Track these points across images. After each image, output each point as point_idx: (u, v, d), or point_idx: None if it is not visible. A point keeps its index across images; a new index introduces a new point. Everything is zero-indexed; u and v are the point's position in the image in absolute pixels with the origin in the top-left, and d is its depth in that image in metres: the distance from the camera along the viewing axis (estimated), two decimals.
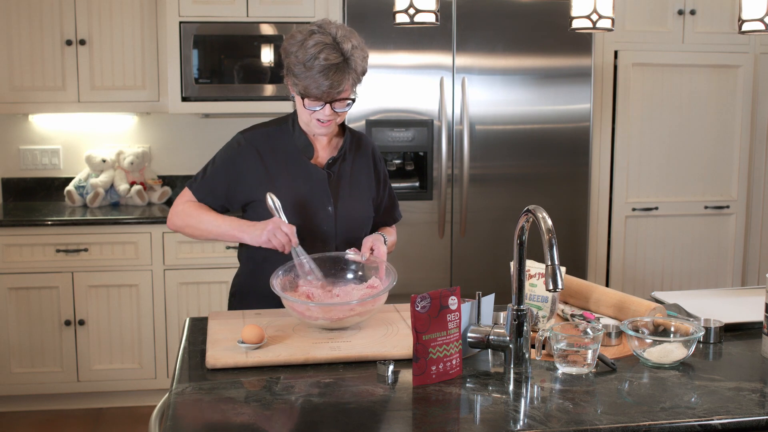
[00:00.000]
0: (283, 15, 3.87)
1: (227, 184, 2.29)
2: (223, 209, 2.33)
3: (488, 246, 3.86)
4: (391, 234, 2.44)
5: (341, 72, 2.11)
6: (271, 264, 2.19)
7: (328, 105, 2.16)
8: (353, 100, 2.20)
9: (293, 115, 2.32)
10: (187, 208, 2.29)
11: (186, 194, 2.33)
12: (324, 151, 2.31)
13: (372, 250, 2.20)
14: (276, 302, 2.17)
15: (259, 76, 3.90)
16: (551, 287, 1.69)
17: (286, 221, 2.17)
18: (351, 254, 2.20)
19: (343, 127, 2.36)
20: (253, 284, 2.32)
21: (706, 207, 4.22)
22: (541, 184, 3.90)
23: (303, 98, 2.17)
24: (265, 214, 2.23)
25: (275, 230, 2.12)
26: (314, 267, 2.16)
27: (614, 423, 1.52)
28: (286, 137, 2.30)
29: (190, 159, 4.35)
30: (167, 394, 1.73)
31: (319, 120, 2.20)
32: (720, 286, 4.28)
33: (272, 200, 2.17)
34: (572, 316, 2.10)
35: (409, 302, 1.71)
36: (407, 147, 3.78)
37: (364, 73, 2.20)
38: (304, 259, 2.16)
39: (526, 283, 2.01)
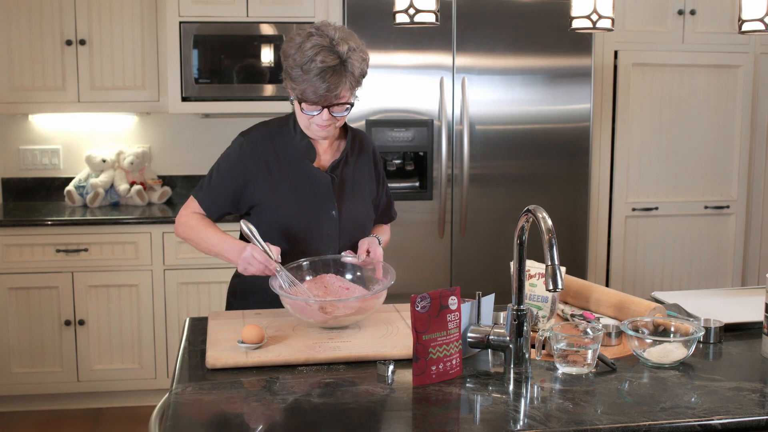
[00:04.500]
0: (283, 15, 3.87)
1: (233, 192, 2.27)
2: (228, 215, 2.33)
3: (488, 246, 3.86)
4: (384, 233, 2.45)
5: (338, 75, 2.08)
6: None
7: (326, 110, 2.13)
8: (352, 105, 2.17)
9: (294, 116, 2.29)
10: (190, 220, 2.28)
11: (191, 204, 2.30)
12: (326, 153, 2.29)
13: (368, 252, 2.20)
14: (275, 302, 2.17)
15: (259, 76, 3.90)
16: (551, 287, 1.69)
17: (262, 245, 2.10)
18: (348, 257, 2.21)
19: (344, 127, 2.34)
20: (252, 284, 2.31)
21: (706, 207, 4.22)
22: (541, 184, 3.90)
23: (300, 102, 2.16)
24: (268, 216, 2.23)
25: (249, 259, 2.10)
26: (299, 289, 2.11)
27: (614, 423, 1.52)
28: (287, 139, 2.27)
29: (190, 159, 4.35)
30: (167, 394, 1.73)
31: (317, 124, 2.19)
32: (720, 286, 4.27)
33: (247, 228, 2.12)
34: (572, 316, 2.10)
35: (409, 302, 1.71)
36: (407, 147, 3.78)
37: (363, 76, 2.16)
38: (284, 284, 2.09)
39: (526, 283, 2.01)
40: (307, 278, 2.16)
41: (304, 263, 2.18)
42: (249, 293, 2.33)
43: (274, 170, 2.25)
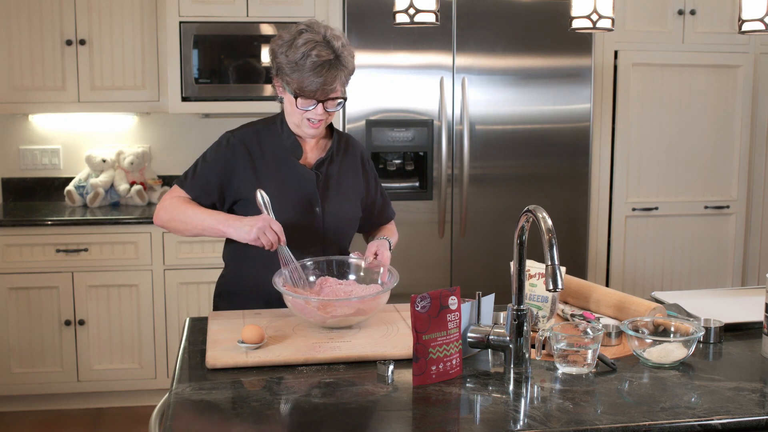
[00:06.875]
0: (283, 15, 3.87)
1: (219, 181, 2.27)
2: (213, 207, 2.30)
3: (488, 246, 3.86)
4: (393, 234, 2.46)
5: (334, 69, 2.12)
6: (258, 264, 2.19)
7: (320, 104, 2.16)
8: (345, 99, 2.21)
9: (281, 116, 2.32)
10: (175, 202, 2.26)
11: (175, 191, 2.29)
12: (312, 152, 2.31)
13: (376, 255, 2.20)
14: (263, 302, 2.17)
15: (259, 76, 3.90)
16: (551, 287, 1.69)
17: (275, 219, 2.15)
18: (354, 258, 2.21)
19: (330, 128, 2.37)
20: (239, 285, 2.31)
21: (706, 207, 4.22)
22: (541, 184, 3.90)
23: (296, 98, 2.17)
24: (253, 210, 2.23)
25: (265, 228, 2.09)
26: (298, 266, 2.15)
27: (614, 423, 1.52)
28: (274, 137, 2.29)
29: (190, 159, 4.29)
30: (167, 394, 1.74)
31: (310, 120, 2.20)
32: (720, 286, 4.27)
33: (262, 197, 2.14)
34: (572, 316, 2.10)
35: (409, 302, 1.71)
36: (407, 147, 3.78)
37: (352, 72, 2.21)
38: (288, 256, 2.13)
39: (526, 283, 2.01)
40: (311, 279, 2.16)
41: (309, 263, 2.18)
42: (234, 294, 2.33)
43: (259, 166, 2.26)
